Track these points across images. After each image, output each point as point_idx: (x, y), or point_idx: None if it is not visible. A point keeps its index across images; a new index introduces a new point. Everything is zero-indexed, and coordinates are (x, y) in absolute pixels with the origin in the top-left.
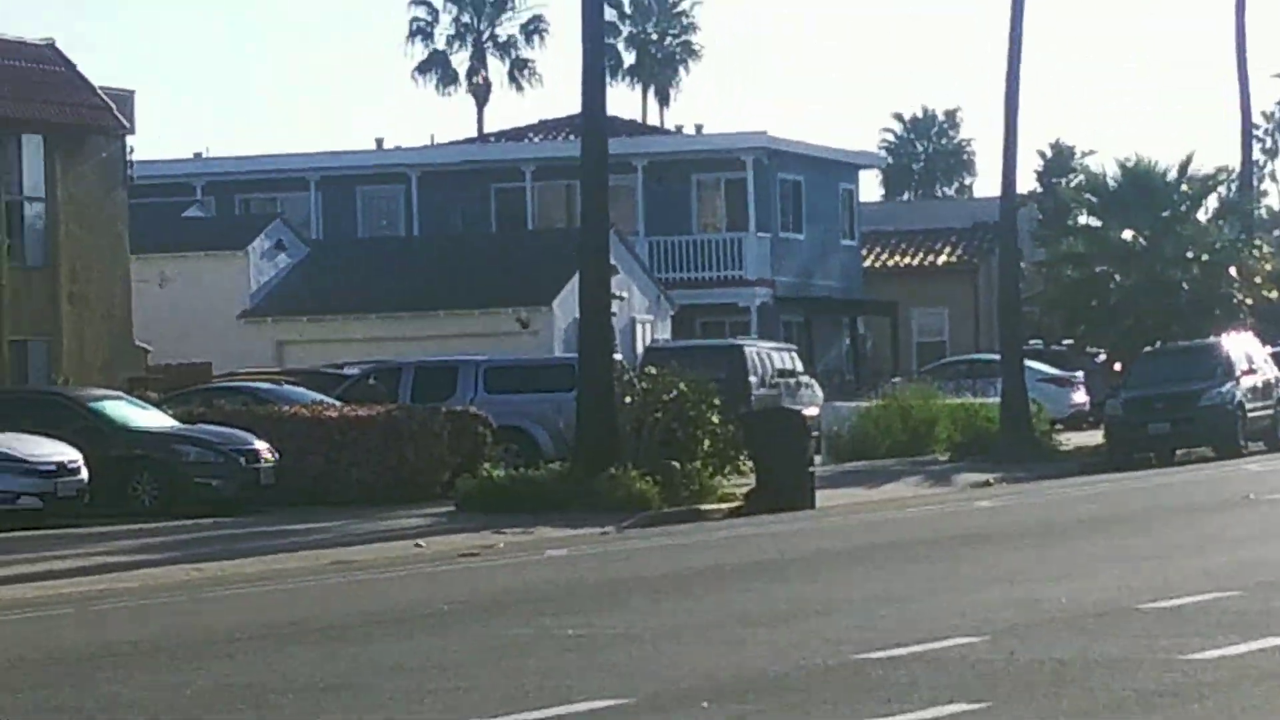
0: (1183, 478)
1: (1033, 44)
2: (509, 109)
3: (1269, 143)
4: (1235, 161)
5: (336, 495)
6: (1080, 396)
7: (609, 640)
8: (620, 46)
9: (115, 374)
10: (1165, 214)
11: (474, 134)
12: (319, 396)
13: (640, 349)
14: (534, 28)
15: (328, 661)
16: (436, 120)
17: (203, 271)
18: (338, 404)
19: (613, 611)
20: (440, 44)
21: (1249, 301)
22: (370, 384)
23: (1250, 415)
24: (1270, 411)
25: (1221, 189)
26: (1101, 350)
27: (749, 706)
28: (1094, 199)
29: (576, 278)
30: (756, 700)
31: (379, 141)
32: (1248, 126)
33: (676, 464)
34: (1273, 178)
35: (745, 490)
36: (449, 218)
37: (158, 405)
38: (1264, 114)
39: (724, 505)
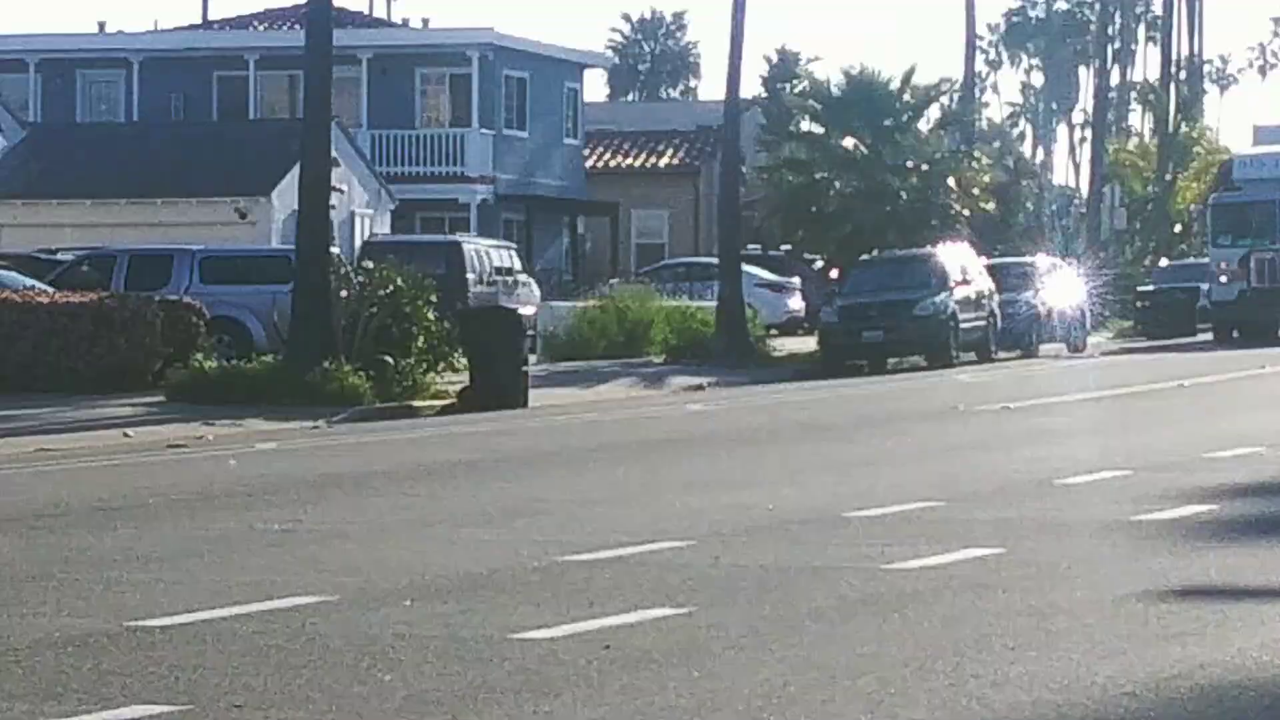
0: (894, 387)
1: None
2: None
3: (992, 54)
4: (958, 73)
5: (45, 383)
6: (796, 303)
7: (315, 536)
8: None
9: None
10: (887, 123)
11: (198, 20)
12: (31, 282)
13: (359, 243)
14: None
15: (27, 551)
16: (160, 5)
17: None
18: (50, 290)
19: (320, 507)
20: None
21: (966, 212)
22: (83, 270)
23: (963, 326)
24: (983, 323)
25: (944, 100)
26: (819, 257)
27: (452, 606)
28: (817, 106)
29: (297, 169)
30: (460, 600)
31: (101, 25)
32: (971, 38)
33: (390, 359)
34: (995, 90)
35: (459, 388)
36: (170, 104)
37: None
38: (989, 25)
39: (437, 402)
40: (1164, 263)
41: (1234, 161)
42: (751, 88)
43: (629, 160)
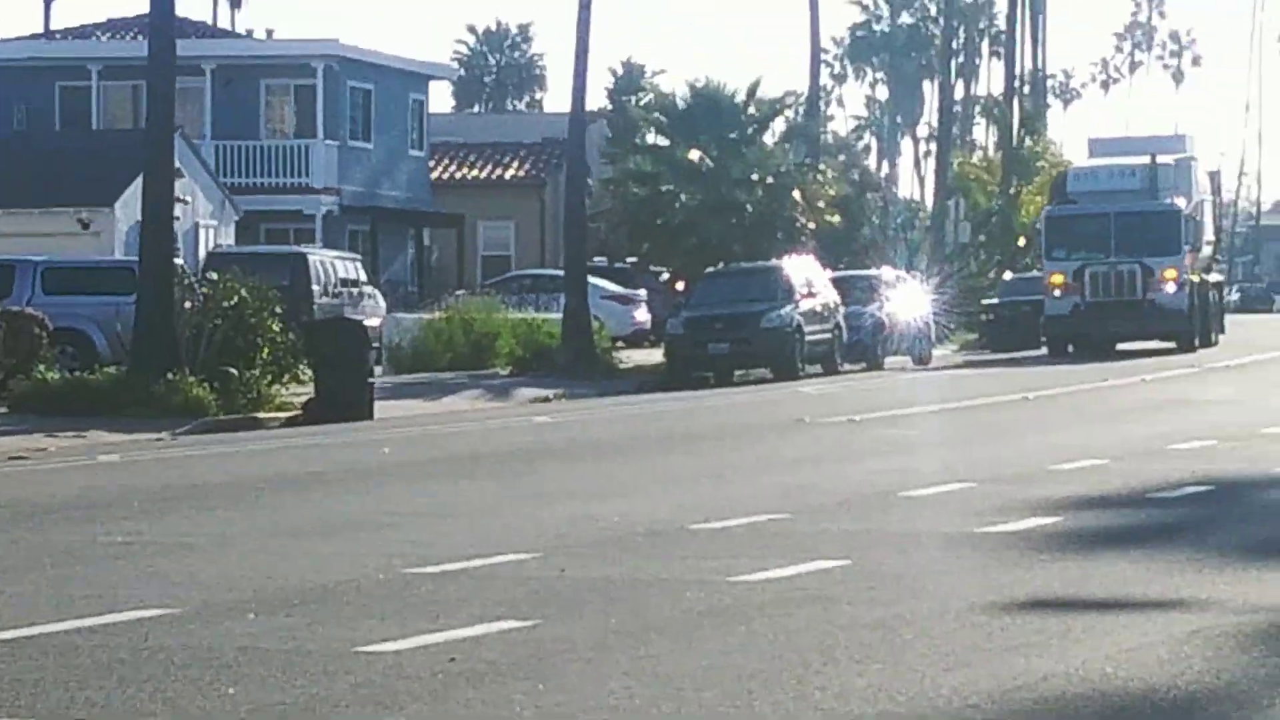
0: (740, 399)
1: None
2: (77, 6)
3: (837, 68)
4: (803, 86)
5: None
6: (642, 315)
7: (159, 548)
8: None
9: None
10: (732, 135)
11: (40, 30)
12: None
13: (203, 254)
14: None
15: None
16: (1, 15)
17: None
18: None
19: (164, 519)
20: None
21: (812, 225)
22: None
23: (809, 339)
24: (828, 335)
25: (789, 113)
26: (665, 269)
27: (296, 618)
28: (662, 118)
29: (140, 180)
30: (304, 612)
31: None
32: (816, 52)
33: (235, 371)
34: (840, 103)
35: (304, 400)
36: (13, 115)
37: None
38: (833, 39)
39: (282, 414)
40: (1008, 276)
41: (1069, 174)
42: (597, 100)
43: (475, 172)
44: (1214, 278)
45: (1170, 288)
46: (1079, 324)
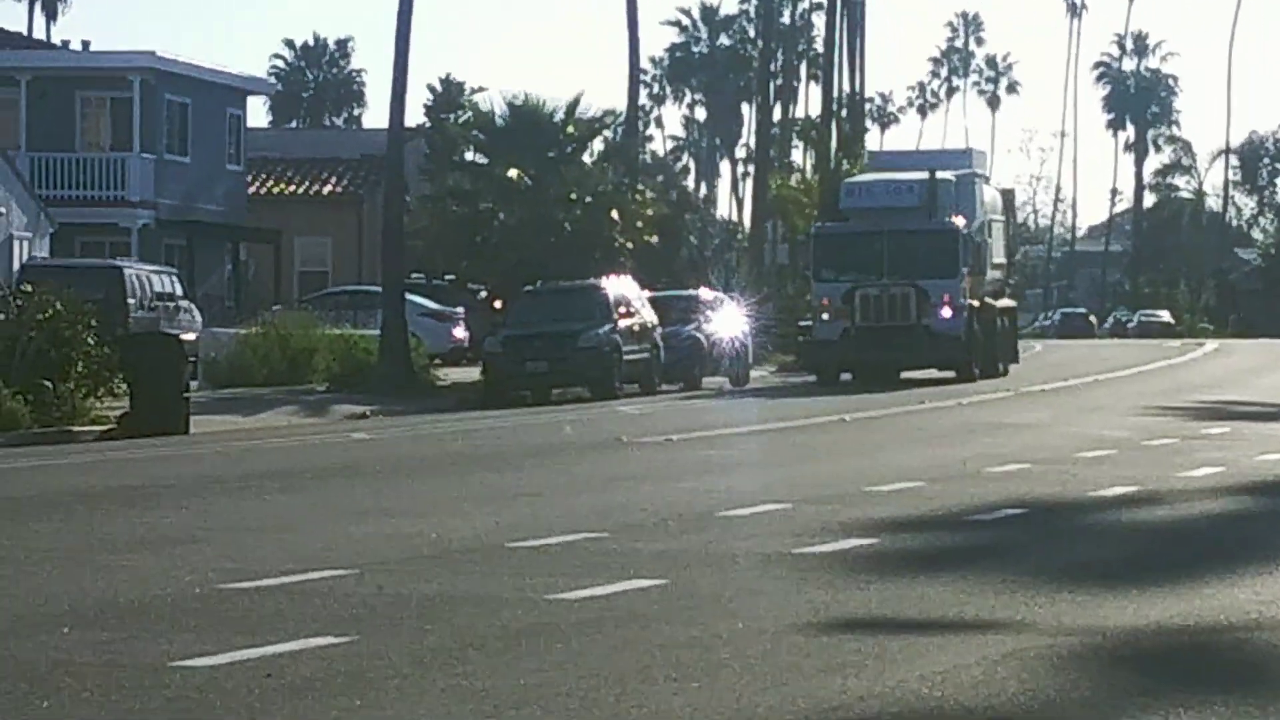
0: (558, 417)
1: None
2: None
3: (656, 88)
4: (623, 105)
5: None
6: (460, 332)
7: None
8: None
9: None
10: (551, 154)
11: None
12: None
13: (18, 266)
14: None
15: None
16: None
17: None
18: None
19: None
20: None
21: (630, 245)
22: None
23: (626, 358)
24: (646, 355)
25: (608, 132)
26: (483, 287)
27: (111, 633)
28: (481, 136)
29: None
30: (119, 627)
31: None
32: (635, 71)
33: (49, 384)
34: (659, 123)
35: (119, 414)
36: None
37: None
38: (652, 59)
39: (97, 428)
40: None
41: (841, 188)
42: (416, 117)
43: (292, 187)
44: (1005, 303)
45: (946, 313)
46: (848, 350)
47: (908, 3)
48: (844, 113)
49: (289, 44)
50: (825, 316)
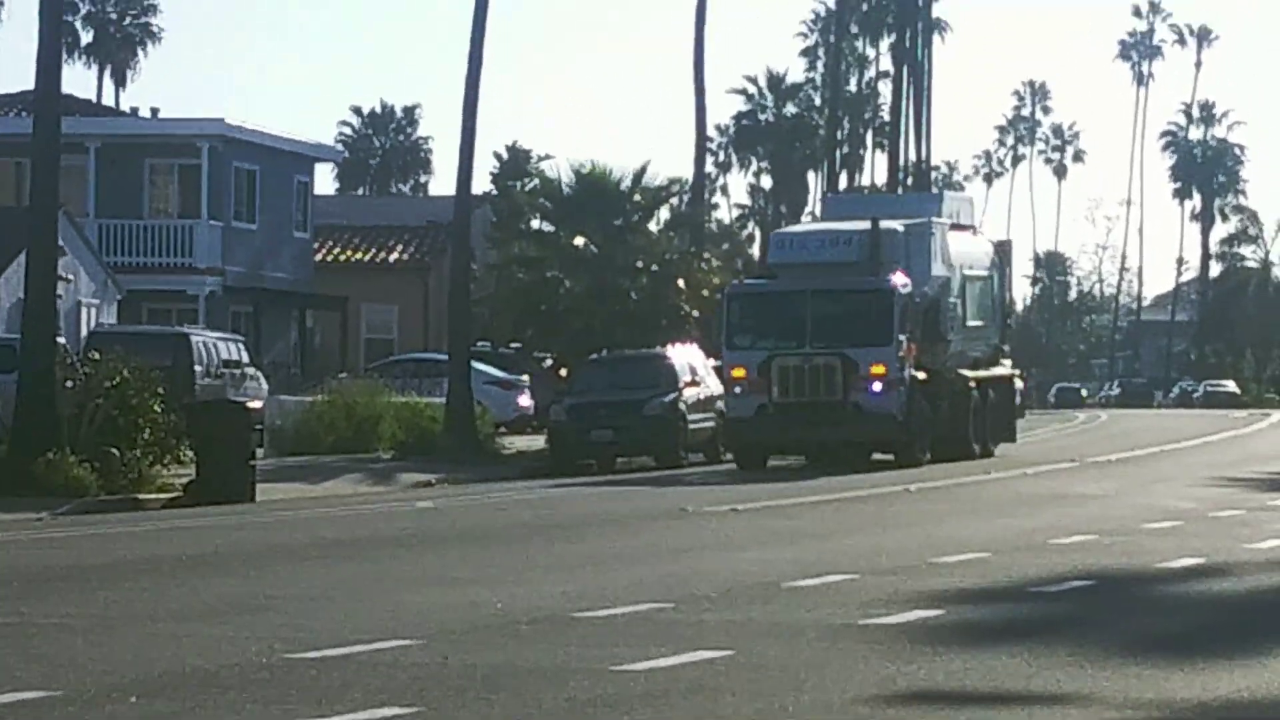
0: (623, 487)
1: (494, 44)
2: None
3: (722, 156)
4: (689, 173)
5: None
6: (526, 400)
7: (40, 630)
8: (78, 24)
9: None
10: (618, 222)
11: None
12: None
13: (85, 333)
14: None
15: None
16: None
17: None
18: None
19: (45, 601)
20: None
21: (696, 313)
22: None
23: (692, 426)
24: (711, 424)
25: (674, 200)
26: (549, 355)
27: (178, 704)
28: (547, 203)
29: (23, 258)
30: (186, 697)
31: None
32: (702, 140)
33: (116, 451)
34: (724, 191)
35: (185, 481)
36: None
37: None
38: (718, 128)
39: (163, 495)
40: None
41: (770, 240)
42: (482, 184)
43: (359, 254)
44: (998, 371)
45: (877, 387)
46: (765, 430)
47: (974, 71)
48: (910, 181)
49: (356, 111)
50: (738, 390)
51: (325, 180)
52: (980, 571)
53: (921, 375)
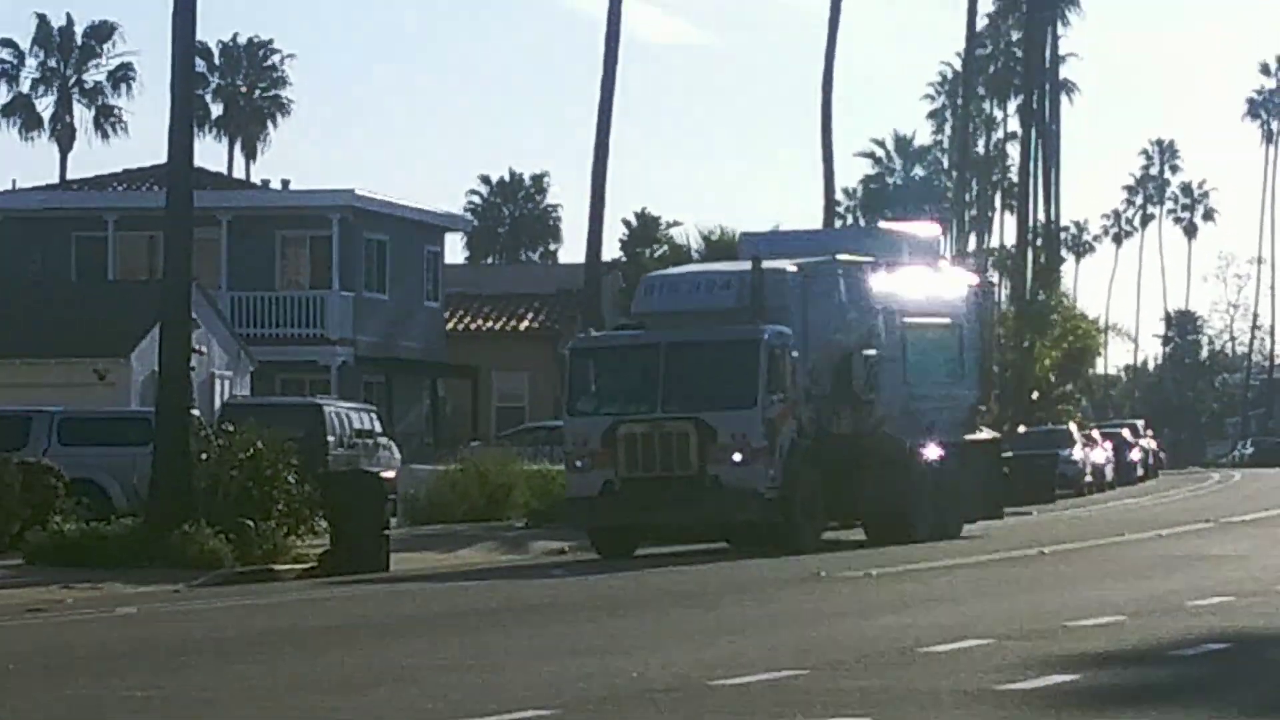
0: (753, 559)
1: (622, 111)
2: (94, 157)
3: (850, 220)
4: None
5: None
6: None
7: (179, 704)
8: (208, 98)
9: None
10: None
11: (57, 180)
12: None
13: (219, 404)
14: (122, 75)
15: None
16: (18, 165)
17: None
18: None
19: (182, 674)
20: (25, 87)
21: None
22: None
23: None
24: None
25: None
26: None
27: None
28: None
29: (156, 330)
30: None
31: None
32: (830, 204)
33: (251, 523)
34: None
35: (320, 552)
36: (29, 264)
37: None
38: (846, 191)
39: (298, 566)
40: (1022, 429)
41: (640, 286)
42: (612, 251)
43: (489, 323)
44: (977, 435)
45: (737, 456)
46: (612, 512)
47: (1103, 131)
48: (1039, 242)
49: (485, 180)
50: (580, 464)
51: (455, 249)
52: (1116, 634)
53: (807, 440)
